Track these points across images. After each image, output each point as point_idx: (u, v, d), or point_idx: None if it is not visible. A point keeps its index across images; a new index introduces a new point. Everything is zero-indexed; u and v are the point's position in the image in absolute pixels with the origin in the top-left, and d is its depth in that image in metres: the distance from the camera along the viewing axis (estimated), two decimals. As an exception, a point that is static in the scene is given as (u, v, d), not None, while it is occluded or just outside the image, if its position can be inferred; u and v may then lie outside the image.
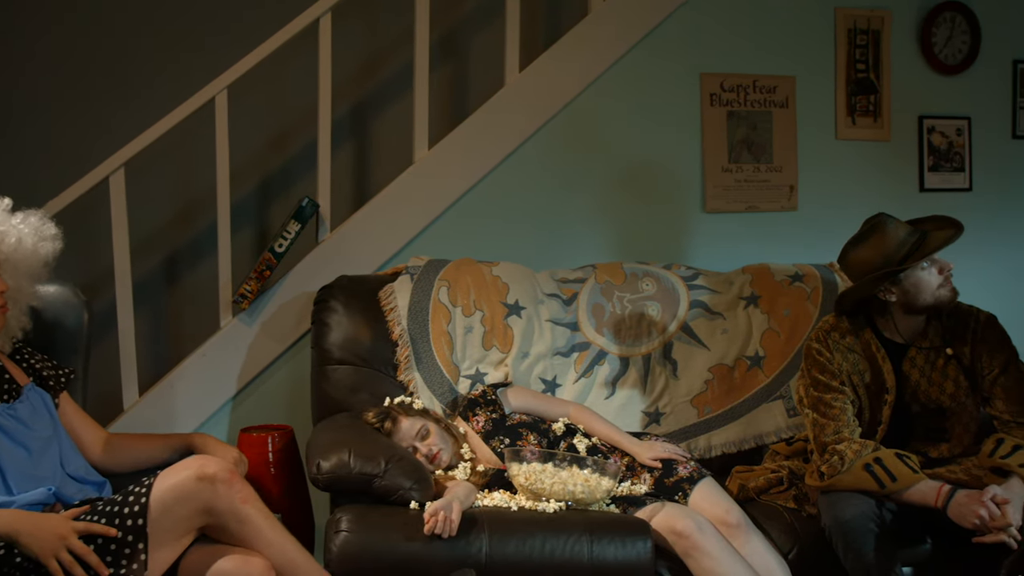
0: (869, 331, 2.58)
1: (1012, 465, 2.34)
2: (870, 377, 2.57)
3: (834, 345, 2.57)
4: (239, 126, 3.14)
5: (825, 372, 2.54)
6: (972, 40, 3.80)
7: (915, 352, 2.55)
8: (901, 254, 2.48)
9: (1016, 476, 2.33)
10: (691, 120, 3.51)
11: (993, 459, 2.38)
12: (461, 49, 3.58)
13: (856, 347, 2.57)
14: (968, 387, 2.54)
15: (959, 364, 2.53)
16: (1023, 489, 2.30)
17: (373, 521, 2.28)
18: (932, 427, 2.57)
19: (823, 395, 2.52)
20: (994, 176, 3.89)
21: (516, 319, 2.97)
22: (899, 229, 2.52)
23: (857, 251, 2.56)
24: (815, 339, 2.60)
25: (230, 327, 3.09)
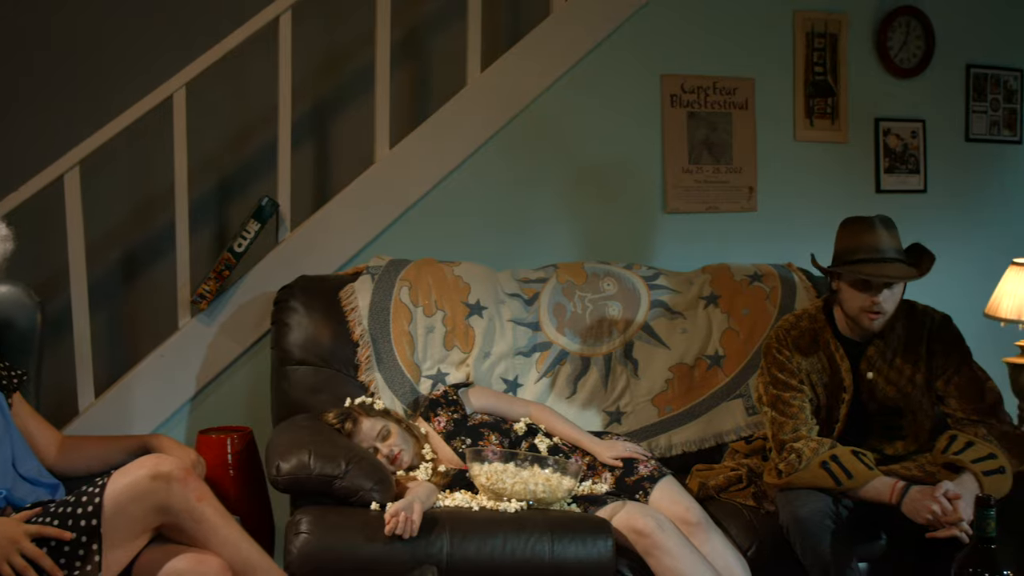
0: (829, 330, 2.60)
1: (964, 461, 2.38)
2: (828, 376, 2.60)
3: (793, 344, 2.60)
4: (198, 124, 3.11)
5: (784, 371, 2.57)
6: (926, 44, 3.87)
7: (872, 351, 2.58)
8: (853, 258, 2.49)
9: (968, 472, 2.37)
10: (652, 121, 3.53)
11: (946, 455, 2.42)
12: (423, 48, 3.57)
13: (815, 346, 2.60)
14: (924, 386, 2.58)
15: (915, 363, 2.57)
16: (974, 484, 2.34)
17: (333, 522, 2.26)
18: (888, 425, 2.61)
19: (782, 393, 2.54)
20: (948, 178, 3.96)
21: (477, 319, 2.97)
22: (879, 238, 2.49)
23: (845, 227, 2.57)
24: (775, 338, 2.63)
25: (188, 327, 3.05)
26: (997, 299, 3.36)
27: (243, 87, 3.35)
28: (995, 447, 2.41)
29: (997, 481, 2.35)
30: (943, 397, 2.57)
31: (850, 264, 2.47)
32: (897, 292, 2.50)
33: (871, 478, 2.38)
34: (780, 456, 2.48)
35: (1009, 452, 2.43)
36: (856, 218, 2.56)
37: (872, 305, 2.46)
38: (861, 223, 2.53)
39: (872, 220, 2.52)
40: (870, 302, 2.46)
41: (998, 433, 2.46)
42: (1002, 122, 4.06)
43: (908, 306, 2.60)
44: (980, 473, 2.35)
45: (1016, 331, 3.38)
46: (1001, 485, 2.35)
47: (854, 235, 2.52)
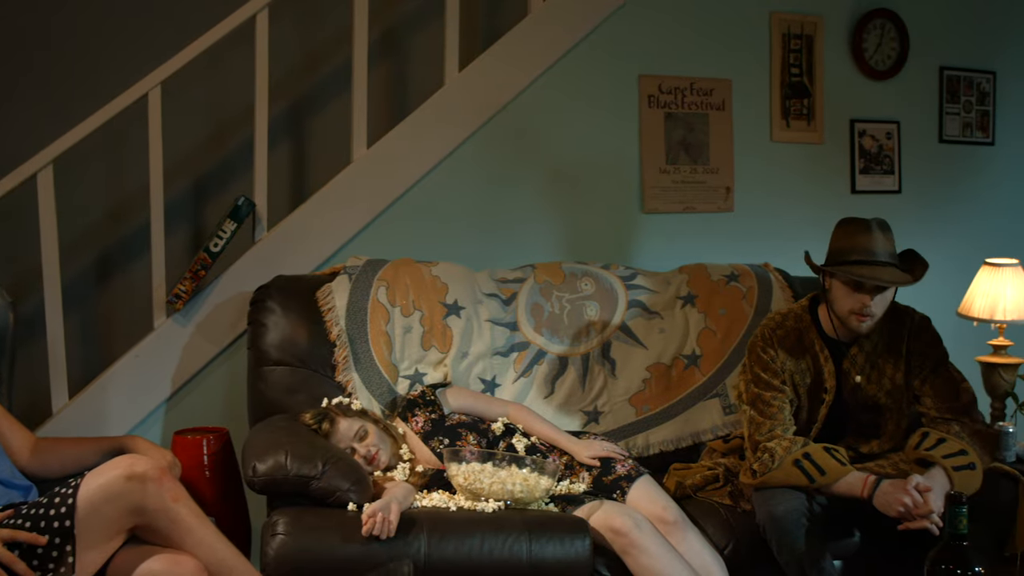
0: (814, 330, 2.62)
1: (935, 456, 2.40)
2: (811, 377, 2.61)
3: (779, 343, 2.61)
4: (174, 123, 3.09)
5: (768, 370, 2.57)
6: (901, 47, 3.90)
7: (856, 351, 2.59)
8: (846, 258, 2.50)
9: (939, 466, 2.39)
10: (629, 121, 3.54)
11: (918, 451, 2.45)
12: (401, 48, 3.57)
13: (800, 346, 2.61)
14: (903, 385, 2.60)
15: (895, 363, 2.59)
16: (944, 479, 2.37)
17: (310, 523, 2.25)
18: (867, 424, 2.63)
19: (763, 392, 2.56)
20: (922, 179, 4.00)
21: (455, 319, 2.97)
22: (874, 241, 2.50)
23: (841, 227, 2.59)
24: (760, 336, 2.64)
25: (164, 328, 3.03)
26: (970, 299, 3.39)
27: (220, 86, 3.33)
28: (966, 444, 2.44)
29: (967, 477, 2.38)
30: (919, 396, 2.60)
31: (844, 264, 2.48)
32: (888, 296, 2.51)
33: (844, 473, 2.40)
34: (754, 456, 2.49)
35: (981, 449, 2.46)
36: (853, 219, 2.57)
37: (862, 307, 2.47)
38: (858, 224, 2.54)
39: (869, 223, 2.53)
40: (860, 304, 2.47)
41: (970, 431, 2.50)
42: (975, 124, 4.10)
43: (891, 306, 2.62)
44: (951, 468, 2.38)
45: (988, 330, 3.41)
46: (971, 481, 2.38)
47: (850, 236, 2.53)
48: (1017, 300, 3.35)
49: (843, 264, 2.48)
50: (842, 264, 2.49)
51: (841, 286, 2.50)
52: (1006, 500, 2.47)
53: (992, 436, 2.54)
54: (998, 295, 3.33)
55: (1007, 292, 3.33)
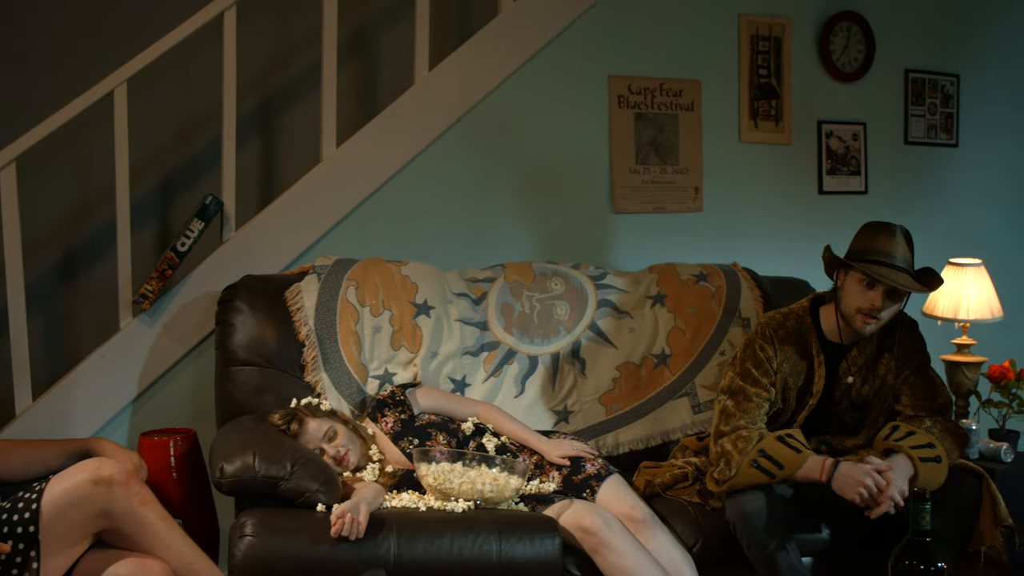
0: (813, 332, 2.63)
1: (903, 447, 2.44)
2: (803, 380, 2.63)
3: (780, 343, 2.61)
4: (140, 120, 3.05)
5: (760, 368, 2.58)
6: (867, 49, 3.95)
7: (856, 352, 2.61)
8: (866, 257, 2.53)
9: (903, 454, 2.43)
10: (599, 121, 3.55)
11: (887, 442, 2.48)
12: (371, 46, 3.55)
13: (799, 348, 2.62)
14: (891, 385, 2.64)
15: (887, 363, 2.63)
16: (907, 464, 2.41)
17: (278, 525, 2.24)
18: (850, 422, 2.65)
19: (747, 387, 2.56)
20: (888, 179, 4.05)
21: (425, 319, 2.96)
22: (896, 246, 2.54)
23: (868, 228, 2.62)
24: (760, 334, 2.64)
25: (130, 328, 3.00)
26: (934, 298, 3.44)
27: (188, 83, 3.30)
28: (935, 438, 2.47)
29: (932, 469, 2.41)
30: (898, 394, 2.63)
31: (863, 262, 2.51)
32: (897, 305, 2.54)
33: (801, 461, 2.42)
34: (714, 460, 2.51)
35: (950, 445, 2.49)
36: (880, 223, 2.61)
37: (871, 307, 2.49)
38: (884, 228, 2.58)
39: (894, 228, 2.57)
40: (870, 303, 2.49)
41: (942, 427, 2.53)
42: (939, 126, 4.16)
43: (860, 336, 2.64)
44: (917, 459, 2.41)
45: (953, 329, 3.46)
46: (936, 474, 2.42)
47: (873, 236, 2.57)
48: (980, 300, 3.40)
49: (862, 261, 2.52)
50: (861, 261, 2.52)
51: (855, 283, 2.53)
52: (971, 496, 2.49)
53: (963, 435, 2.58)
54: (961, 295, 3.38)
55: (970, 292, 3.39)
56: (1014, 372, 3.24)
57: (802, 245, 3.87)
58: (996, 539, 2.47)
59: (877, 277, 2.47)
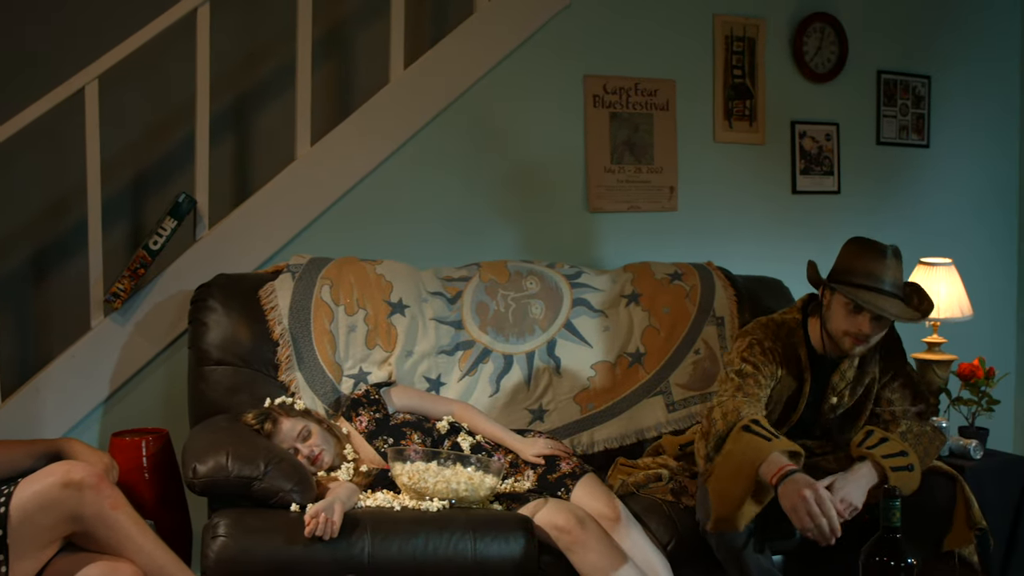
0: (804, 348, 2.57)
1: (875, 456, 2.40)
2: (790, 393, 2.58)
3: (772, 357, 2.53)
4: (112, 118, 3.02)
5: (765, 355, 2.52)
6: (840, 50, 3.98)
7: (847, 365, 2.56)
8: (852, 279, 2.44)
9: (869, 462, 2.39)
10: (575, 121, 3.56)
11: (860, 448, 2.47)
12: (346, 44, 3.54)
13: (790, 362, 2.55)
14: (872, 390, 2.61)
15: (872, 371, 2.59)
16: (870, 472, 2.36)
17: (252, 525, 2.23)
18: (835, 428, 2.62)
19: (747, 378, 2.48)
20: (860, 179, 4.09)
21: (400, 318, 2.96)
22: (886, 269, 2.44)
23: (856, 245, 2.50)
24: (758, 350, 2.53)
25: (101, 327, 2.97)
26: (905, 297, 3.47)
27: (161, 80, 3.27)
28: (908, 445, 2.45)
29: (903, 478, 2.39)
30: (878, 398, 2.60)
31: (850, 286, 2.42)
32: (885, 326, 2.47)
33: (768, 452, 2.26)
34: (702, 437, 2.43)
35: (923, 451, 2.47)
36: (868, 241, 2.49)
37: (859, 332, 2.42)
38: (872, 248, 2.46)
39: (885, 250, 2.46)
40: (857, 328, 2.42)
41: (917, 432, 2.51)
42: (911, 127, 4.20)
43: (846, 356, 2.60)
44: (888, 468, 2.38)
45: (923, 328, 3.50)
46: (908, 482, 2.39)
47: (862, 258, 2.46)
48: (950, 299, 3.44)
49: (849, 285, 2.42)
50: (850, 285, 2.42)
51: (841, 306, 2.45)
52: (944, 498, 2.49)
53: (939, 438, 2.54)
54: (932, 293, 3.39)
55: (940, 291, 3.43)
56: (983, 370, 3.28)
57: (776, 244, 3.90)
58: (970, 541, 2.48)
59: (864, 305, 2.38)
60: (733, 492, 2.27)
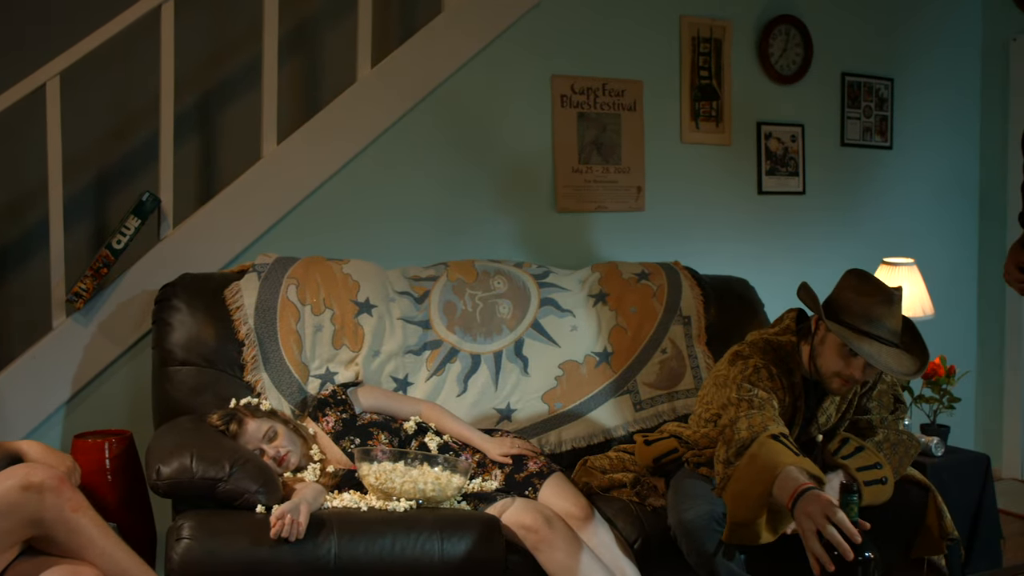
0: (799, 374, 2.47)
1: (850, 468, 2.39)
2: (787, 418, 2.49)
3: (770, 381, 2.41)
4: (75, 115, 2.99)
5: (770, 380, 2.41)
6: (805, 53, 4.02)
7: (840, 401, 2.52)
8: (848, 320, 2.32)
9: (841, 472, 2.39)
10: (542, 121, 3.57)
11: (835, 458, 2.46)
12: (313, 42, 3.52)
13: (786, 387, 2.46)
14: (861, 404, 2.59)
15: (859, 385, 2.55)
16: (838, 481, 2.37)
17: (216, 527, 2.21)
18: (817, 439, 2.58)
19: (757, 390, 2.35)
20: (825, 180, 4.13)
21: (367, 317, 2.95)
22: (889, 317, 2.31)
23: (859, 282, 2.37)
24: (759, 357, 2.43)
25: (63, 328, 2.93)
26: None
27: (124, 77, 3.24)
28: (882, 457, 2.45)
29: (876, 491, 2.40)
30: (865, 409, 2.59)
31: (849, 328, 2.30)
32: (876, 372, 2.40)
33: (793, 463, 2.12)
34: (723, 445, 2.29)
35: (898, 460, 2.48)
36: (873, 280, 2.36)
37: (850, 376, 2.34)
38: (878, 292, 2.33)
39: (892, 295, 2.33)
40: (849, 372, 2.34)
41: (894, 440, 2.52)
42: (874, 128, 4.26)
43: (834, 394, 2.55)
44: (862, 483, 2.38)
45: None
46: (880, 494, 2.40)
47: (863, 297, 2.33)
48: (913, 298, 3.49)
49: (849, 327, 2.30)
50: (847, 327, 2.30)
51: (835, 345, 2.34)
52: (916, 504, 2.49)
53: (913, 446, 2.55)
54: (894, 293, 3.46)
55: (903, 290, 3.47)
56: (944, 369, 3.33)
57: (742, 244, 3.94)
58: (940, 551, 2.49)
59: (862, 355, 2.27)
60: (751, 496, 2.14)
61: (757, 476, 2.14)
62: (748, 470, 2.18)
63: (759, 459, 2.16)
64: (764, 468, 2.13)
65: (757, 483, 2.13)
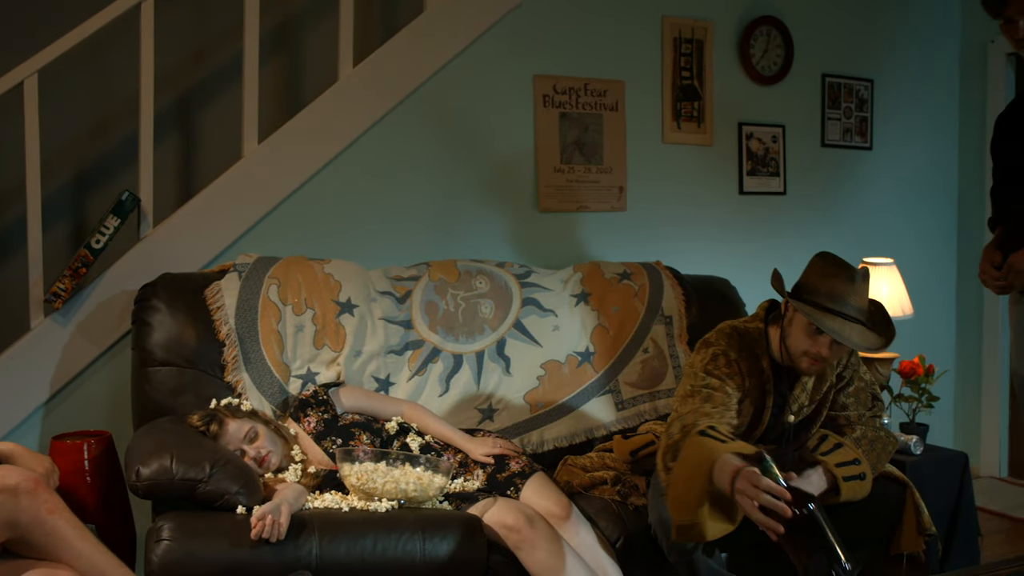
0: (767, 359, 2.51)
1: (829, 464, 2.40)
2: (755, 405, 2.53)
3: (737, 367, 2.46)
4: (53, 113, 2.96)
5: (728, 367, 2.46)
6: (786, 54, 4.04)
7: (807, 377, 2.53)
8: (814, 300, 2.37)
9: (821, 468, 2.40)
10: (525, 121, 3.57)
11: (814, 454, 2.47)
12: (294, 41, 3.50)
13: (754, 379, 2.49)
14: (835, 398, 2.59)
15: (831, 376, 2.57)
16: (820, 478, 2.38)
17: (197, 528, 2.20)
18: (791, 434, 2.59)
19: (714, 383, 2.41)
20: (805, 180, 4.16)
21: (348, 317, 2.94)
22: (854, 294, 2.37)
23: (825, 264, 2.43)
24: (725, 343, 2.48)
25: (41, 328, 2.90)
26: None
27: (104, 75, 3.21)
28: (860, 453, 2.47)
29: (855, 487, 2.41)
30: (840, 403, 2.59)
31: (816, 307, 2.35)
32: (843, 350, 2.45)
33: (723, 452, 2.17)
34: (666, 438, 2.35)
35: (876, 457, 2.49)
36: (838, 261, 2.43)
37: (817, 354, 2.38)
38: (843, 271, 2.39)
39: (854, 273, 2.39)
40: (817, 349, 2.38)
41: (872, 437, 2.53)
42: (854, 129, 4.28)
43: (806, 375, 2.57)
44: (840, 478, 2.39)
45: (866, 327, 3.56)
46: (859, 490, 2.41)
47: (828, 278, 2.39)
48: (892, 298, 3.52)
49: (815, 306, 2.35)
50: (813, 305, 2.36)
51: (801, 325, 2.40)
52: (894, 501, 2.51)
53: (891, 444, 2.56)
54: (874, 293, 3.48)
55: (882, 289, 3.50)
56: (923, 368, 3.36)
57: (723, 244, 3.95)
58: (919, 547, 2.51)
59: (826, 330, 2.32)
60: (688, 497, 2.20)
61: (692, 475, 2.21)
62: (681, 473, 2.25)
63: (690, 460, 2.23)
64: (697, 466, 2.20)
65: (694, 482, 2.20)
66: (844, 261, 2.43)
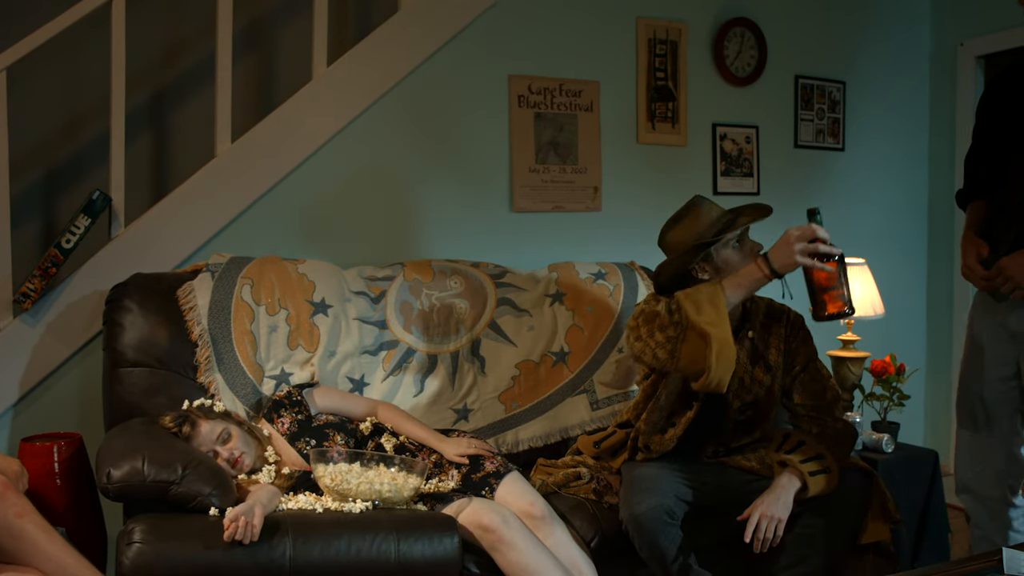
0: None
1: (793, 462, 2.45)
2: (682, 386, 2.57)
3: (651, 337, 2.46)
4: (23, 111, 2.92)
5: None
6: (760, 55, 4.07)
7: (737, 349, 2.56)
8: (713, 232, 2.52)
9: (789, 472, 2.44)
10: (500, 121, 3.57)
11: (779, 454, 2.51)
12: (268, 40, 3.48)
13: None
14: (780, 382, 2.63)
15: (776, 359, 2.61)
16: (791, 481, 2.42)
17: (169, 530, 2.17)
18: (744, 420, 2.64)
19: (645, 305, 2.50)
20: (779, 181, 4.19)
21: (322, 317, 2.93)
22: (712, 210, 2.57)
23: (674, 231, 2.60)
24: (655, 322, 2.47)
25: (10, 328, 2.87)
26: (821, 296, 3.56)
27: (74, 73, 3.18)
28: (824, 448, 2.50)
29: (820, 481, 2.44)
30: (788, 391, 2.64)
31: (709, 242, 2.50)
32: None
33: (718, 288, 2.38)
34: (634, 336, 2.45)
35: (839, 450, 2.53)
36: (687, 208, 2.60)
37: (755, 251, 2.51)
38: (690, 210, 2.59)
39: (692, 203, 2.59)
40: (752, 250, 2.52)
41: (832, 432, 2.56)
42: (827, 130, 4.32)
43: (767, 304, 2.66)
44: (807, 474, 2.43)
45: (838, 326, 3.60)
46: (826, 485, 2.45)
47: (696, 219, 2.56)
48: (864, 298, 3.55)
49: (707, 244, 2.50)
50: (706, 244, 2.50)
51: (729, 256, 2.52)
52: (860, 493, 2.54)
53: (851, 435, 2.60)
54: (846, 293, 3.51)
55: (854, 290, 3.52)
56: (895, 367, 3.39)
57: (697, 244, 3.97)
58: (886, 535, 2.55)
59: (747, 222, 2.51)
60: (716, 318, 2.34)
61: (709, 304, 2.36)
62: (691, 301, 2.38)
63: (692, 297, 2.39)
64: (708, 297, 2.37)
65: (712, 304, 2.36)
66: (690, 203, 2.61)
